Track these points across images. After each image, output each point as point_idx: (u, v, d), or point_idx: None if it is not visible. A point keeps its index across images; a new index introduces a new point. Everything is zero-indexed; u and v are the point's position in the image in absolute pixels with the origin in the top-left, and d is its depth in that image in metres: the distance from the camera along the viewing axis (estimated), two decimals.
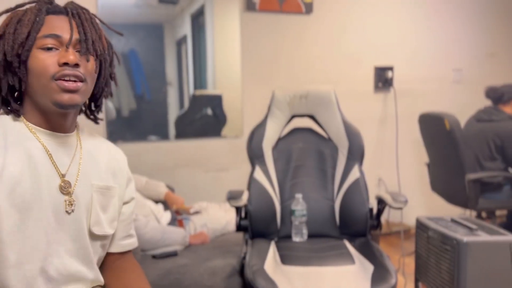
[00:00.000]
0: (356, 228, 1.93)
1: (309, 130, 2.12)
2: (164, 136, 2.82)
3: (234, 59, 2.90)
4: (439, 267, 1.78)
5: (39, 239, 0.91)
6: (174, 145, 2.80)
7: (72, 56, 0.90)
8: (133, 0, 2.66)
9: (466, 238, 1.67)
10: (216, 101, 2.94)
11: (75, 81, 0.91)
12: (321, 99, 2.07)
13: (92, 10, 2.54)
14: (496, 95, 2.72)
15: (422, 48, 3.27)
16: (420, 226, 1.94)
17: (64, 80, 0.90)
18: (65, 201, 0.95)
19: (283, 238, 1.96)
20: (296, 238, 1.93)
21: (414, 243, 3.04)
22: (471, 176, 2.52)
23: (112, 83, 1.07)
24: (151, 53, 2.77)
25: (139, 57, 2.79)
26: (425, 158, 3.04)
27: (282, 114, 2.08)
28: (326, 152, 2.05)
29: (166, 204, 2.41)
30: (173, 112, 2.84)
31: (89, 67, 0.94)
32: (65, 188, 0.95)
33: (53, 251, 0.93)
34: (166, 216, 2.25)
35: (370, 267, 1.64)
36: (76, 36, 0.93)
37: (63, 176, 0.95)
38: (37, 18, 0.92)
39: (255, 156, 2.02)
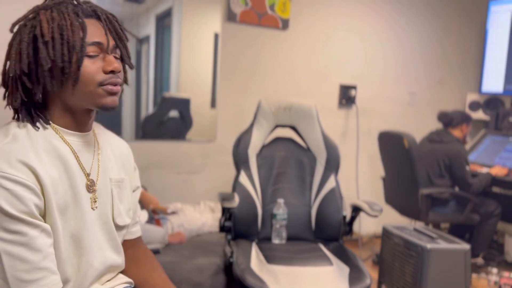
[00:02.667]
0: (330, 233, 2.10)
1: (291, 140, 2.27)
2: (117, 133, 2.79)
3: (203, 66, 2.96)
4: (403, 271, 1.99)
5: (82, 236, 0.96)
6: (145, 145, 2.83)
7: (116, 64, 0.95)
8: None
9: (429, 245, 1.88)
10: (184, 105, 2.99)
11: (115, 84, 0.96)
12: (303, 112, 2.22)
13: None
14: (447, 120, 3.03)
15: (383, 71, 3.56)
16: (386, 233, 2.14)
17: (109, 84, 0.94)
18: (90, 198, 1.00)
19: (263, 239, 2.08)
20: (276, 240, 2.05)
21: (368, 251, 3.30)
22: (424, 191, 2.79)
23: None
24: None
25: None
26: (380, 172, 3.30)
27: (266, 123, 2.21)
28: (305, 161, 2.21)
29: (141, 203, 2.44)
30: (127, 111, 2.81)
31: (122, 72, 1.00)
32: (91, 187, 1.00)
33: (95, 245, 0.99)
34: (144, 215, 2.29)
35: (346, 269, 1.80)
36: (112, 42, 0.98)
37: (88, 175, 1.00)
38: (78, 23, 0.92)
39: (240, 160, 2.13)
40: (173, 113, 2.98)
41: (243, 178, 2.08)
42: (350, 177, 3.39)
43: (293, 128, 2.26)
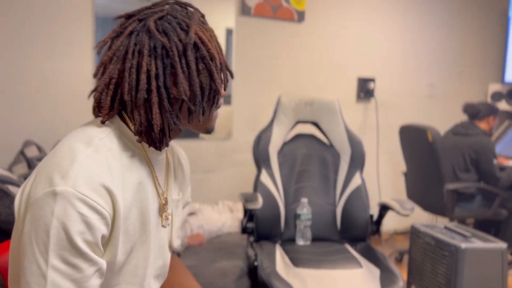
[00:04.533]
0: (357, 233, 2.01)
1: (312, 137, 2.18)
2: None
3: None
4: (435, 271, 1.90)
5: (139, 265, 0.87)
6: None
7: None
8: None
9: (464, 244, 1.79)
10: None
11: None
12: (325, 107, 2.13)
13: (87, 5, 2.45)
14: (473, 112, 2.92)
15: (401, 62, 3.44)
16: (415, 232, 2.05)
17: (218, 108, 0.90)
18: (163, 216, 0.91)
19: (286, 241, 2.00)
20: (300, 241, 1.97)
21: (389, 249, 3.21)
22: (450, 186, 2.68)
23: None
24: None
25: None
26: (401, 167, 3.19)
27: (287, 120, 2.12)
28: (328, 159, 2.12)
29: None
30: None
31: None
32: (165, 205, 0.91)
33: (147, 275, 0.90)
34: None
35: (376, 271, 1.72)
36: None
37: (162, 194, 0.91)
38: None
39: (261, 159, 2.05)
40: None
41: (265, 177, 2.00)
42: (370, 173, 3.30)
43: (315, 124, 2.17)
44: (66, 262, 0.71)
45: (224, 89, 0.88)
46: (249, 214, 1.91)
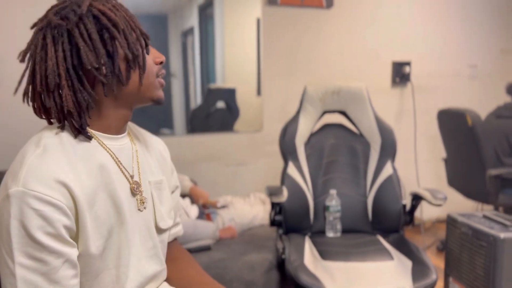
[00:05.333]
0: (389, 224, 1.95)
1: (341, 126, 2.13)
2: (170, 128, 2.79)
3: (248, 53, 2.88)
4: (472, 263, 1.81)
5: (121, 245, 0.90)
6: (193, 139, 2.79)
7: (162, 55, 0.92)
8: None
9: (503, 234, 1.69)
10: (230, 95, 2.93)
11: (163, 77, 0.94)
12: (353, 95, 2.07)
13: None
14: None
15: (439, 44, 3.29)
16: (451, 221, 1.96)
17: (161, 76, 0.93)
18: (137, 200, 0.94)
19: (316, 233, 1.98)
20: (330, 234, 1.94)
21: (430, 237, 3.10)
22: (493, 172, 2.55)
23: None
24: (154, 44, 2.73)
25: None
26: (441, 153, 3.07)
27: (314, 110, 2.08)
28: (358, 148, 2.07)
29: (191, 198, 2.41)
30: (177, 104, 2.81)
31: None
32: (137, 189, 0.94)
33: (134, 255, 0.93)
34: (194, 210, 2.25)
35: (408, 263, 1.66)
36: None
37: (131, 177, 0.94)
38: (130, 13, 0.89)
39: (288, 151, 2.02)
40: (220, 104, 2.93)
41: (292, 170, 1.98)
42: (409, 160, 3.19)
43: (343, 113, 2.12)
44: (32, 258, 0.75)
45: (147, 53, 0.89)
46: (276, 207, 1.90)
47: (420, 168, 3.22)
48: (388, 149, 2.02)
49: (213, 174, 2.81)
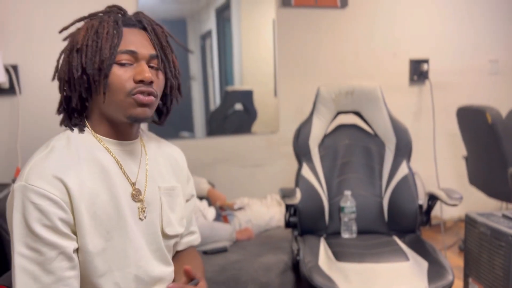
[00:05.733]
0: (405, 224, 1.94)
1: (355, 127, 2.13)
2: (190, 130, 2.83)
3: (264, 54, 2.90)
4: (491, 263, 1.78)
5: (125, 247, 0.93)
6: (210, 141, 2.83)
7: (147, 73, 0.90)
8: None
9: None
10: (247, 97, 2.95)
11: (148, 95, 0.91)
12: (367, 95, 2.06)
13: (133, 7, 2.55)
14: None
15: (457, 40, 3.23)
16: (470, 221, 1.93)
17: (139, 94, 0.90)
18: (138, 208, 0.97)
19: (331, 234, 1.98)
20: (345, 235, 1.94)
21: (452, 237, 3.05)
22: None
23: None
24: (174, 48, 2.76)
25: None
26: (462, 151, 3.01)
27: (327, 111, 2.08)
28: (373, 149, 2.06)
29: (209, 201, 2.44)
30: (197, 107, 2.84)
31: (160, 83, 0.96)
32: (137, 196, 0.97)
33: (140, 256, 0.96)
34: (211, 212, 2.28)
35: (424, 264, 1.65)
36: (151, 51, 0.94)
37: (133, 184, 0.97)
38: (115, 31, 0.91)
39: (301, 153, 2.03)
40: (238, 106, 2.96)
41: (306, 171, 1.99)
42: (428, 159, 3.14)
43: (357, 114, 2.11)
44: (29, 248, 0.81)
45: (106, 72, 0.89)
46: (290, 209, 1.91)
47: (440, 167, 3.17)
48: (403, 149, 2.00)
49: (230, 176, 2.84)
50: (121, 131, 0.97)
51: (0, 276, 1.01)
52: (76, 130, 0.95)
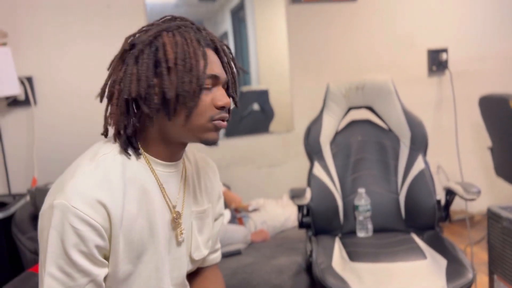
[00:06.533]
0: (424, 221, 1.86)
1: (368, 122, 2.06)
2: None
3: (279, 53, 2.87)
4: None
5: (151, 276, 0.90)
6: (225, 143, 2.81)
7: (227, 99, 0.87)
8: (174, 1, 2.69)
9: None
10: (263, 97, 2.92)
11: (224, 120, 0.89)
12: (378, 89, 2.00)
13: (140, 11, 2.56)
14: None
15: (477, 26, 3.10)
16: (493, 216, 1.84)
17: (220, 120, 0.88)
18: (177, 231, 0.94)
19: (347, 233, 1.93)
20: (361, 234, 1.89)
21: (480, 232, 2.93)
22: None
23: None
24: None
25: None
26: (487, 142, 2.89)
27: (338, 107, 2.03)
28: (387, 144, 1.99)
29: (224, 203, 2.43)
30: None
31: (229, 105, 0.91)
32: (177, 220, 0.93)
33: (162, 283, 0.92)
34: (226, 214, 2.27)
35: (443, 262, 1.58)
36: (225, 76, 0.91)
37: (174, 207, 0.93)
38: (201, 52, 0.86)
39: (313, 151, 1.99)
40: (254, 106, 2.93)
41: (318, 170, 1.94)
42: (451, 151, 3.03)
43: (369, 108, 2.05)
44: (61, 270, 0.77)
45: (196, 95, 0.84)
46: (303, 209, 1.87)
47: (465, 159, 3.05)
48: (419, 143, 1.93)
49: (246, 177, 2.82)
50: (173, 152, 0.92)
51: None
52: (133, 155, 0.88)
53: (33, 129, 2.35)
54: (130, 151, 0.88)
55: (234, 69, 0.95)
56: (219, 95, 0.87)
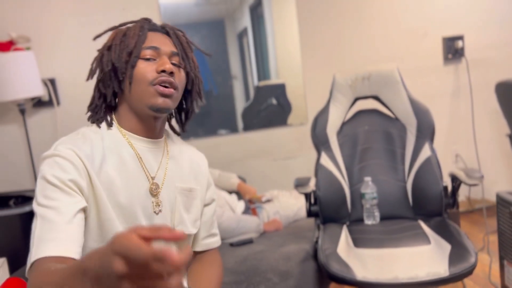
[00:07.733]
0: (431, 207, 1.88)
1: (375, 112, 2.09)
2: (233, 129, 2.91)
3: (293, 46, 2.91)
4: None
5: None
6: (242, 137, 2.88)
7: (168, 64, 0.98)
8: (194, 0, 2.76)
9: None
10: (279, 90, 2.97)
11: (168, 87, 0.99)
12: (384, 78, 2.02)
13: (154, 12, 2.65)
14: None
15: (493, 13, 3.04)
16: (501, 201, 1.84)
17: (160, 85, 0.98)
18: (153, 202, 1.02)
19: (354, 221, 1.97)
20: (368, 221, 1.92)
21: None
22: None
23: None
24: (214, 49, 2.86)
25: (203, 54, 2.87)
26: (505, 129, 2.84)
27: (344, 98, 2.07)
28: (393, 133, 2.01)
29: (239, 194, 2.50)
30: (240, 105, 2.91)
31: (181, 77, 1.03)
32: (154, 190, 1.02)
33: None
34: (240, 205, 2.34)
35: (447, 247, 1.60)
36: (172, 49, 1.03)
37: (152, 179, 1.03)
38: (140, 32, 1.02)
39: (320, 142, 2.03)
40: (272, 100, 2.99)
41: (325, 160, 1.98)
42: (469, 139, 3.00)
43: (376, 98, 2.07)
44: (48, 197, 0.90)
45: (132, 65, 0.99)
46: (309, 198, 1.92)
47: (483, 146, 3.01)
48: (425, 131, 1.94)
49: (261, 169, 2.88)
50: (146, 126, 1.03)
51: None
52: (104, 125, 1.03)
53: (56, 128, 2.49)
54: (105, 126, 1.02)
55: (187, 47, 1.06)
56: (160, 62, 0.99)
